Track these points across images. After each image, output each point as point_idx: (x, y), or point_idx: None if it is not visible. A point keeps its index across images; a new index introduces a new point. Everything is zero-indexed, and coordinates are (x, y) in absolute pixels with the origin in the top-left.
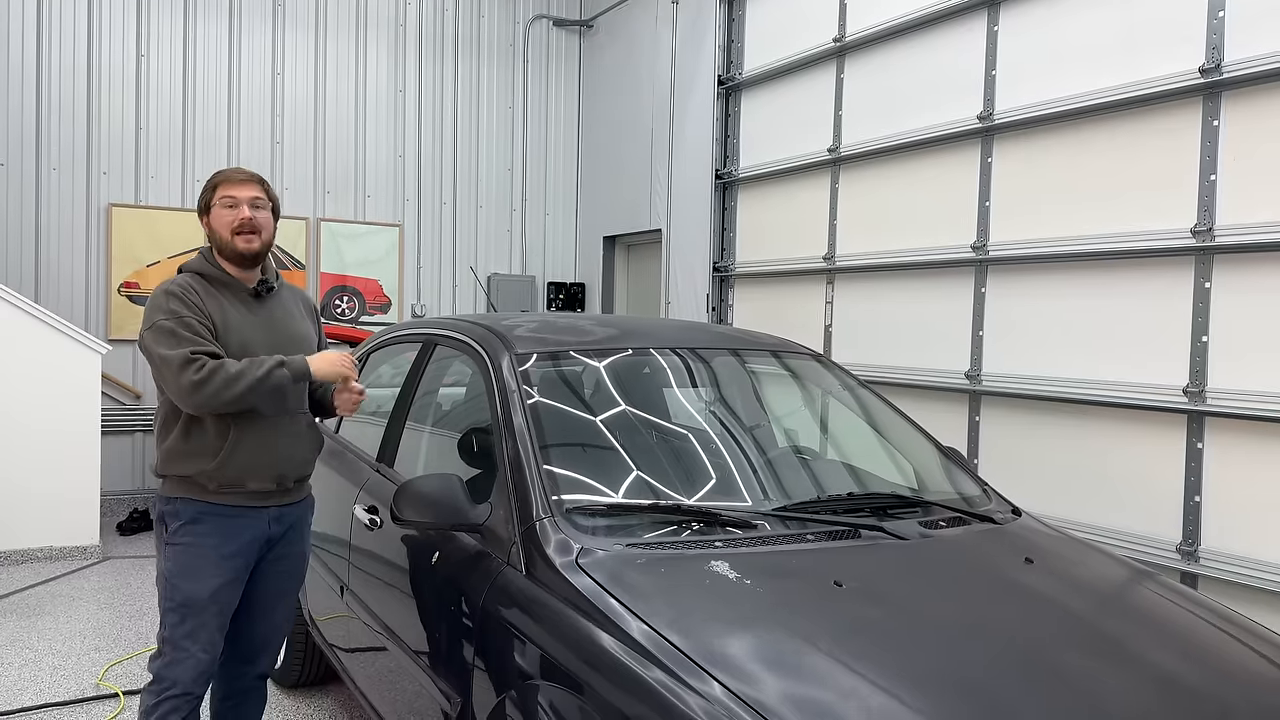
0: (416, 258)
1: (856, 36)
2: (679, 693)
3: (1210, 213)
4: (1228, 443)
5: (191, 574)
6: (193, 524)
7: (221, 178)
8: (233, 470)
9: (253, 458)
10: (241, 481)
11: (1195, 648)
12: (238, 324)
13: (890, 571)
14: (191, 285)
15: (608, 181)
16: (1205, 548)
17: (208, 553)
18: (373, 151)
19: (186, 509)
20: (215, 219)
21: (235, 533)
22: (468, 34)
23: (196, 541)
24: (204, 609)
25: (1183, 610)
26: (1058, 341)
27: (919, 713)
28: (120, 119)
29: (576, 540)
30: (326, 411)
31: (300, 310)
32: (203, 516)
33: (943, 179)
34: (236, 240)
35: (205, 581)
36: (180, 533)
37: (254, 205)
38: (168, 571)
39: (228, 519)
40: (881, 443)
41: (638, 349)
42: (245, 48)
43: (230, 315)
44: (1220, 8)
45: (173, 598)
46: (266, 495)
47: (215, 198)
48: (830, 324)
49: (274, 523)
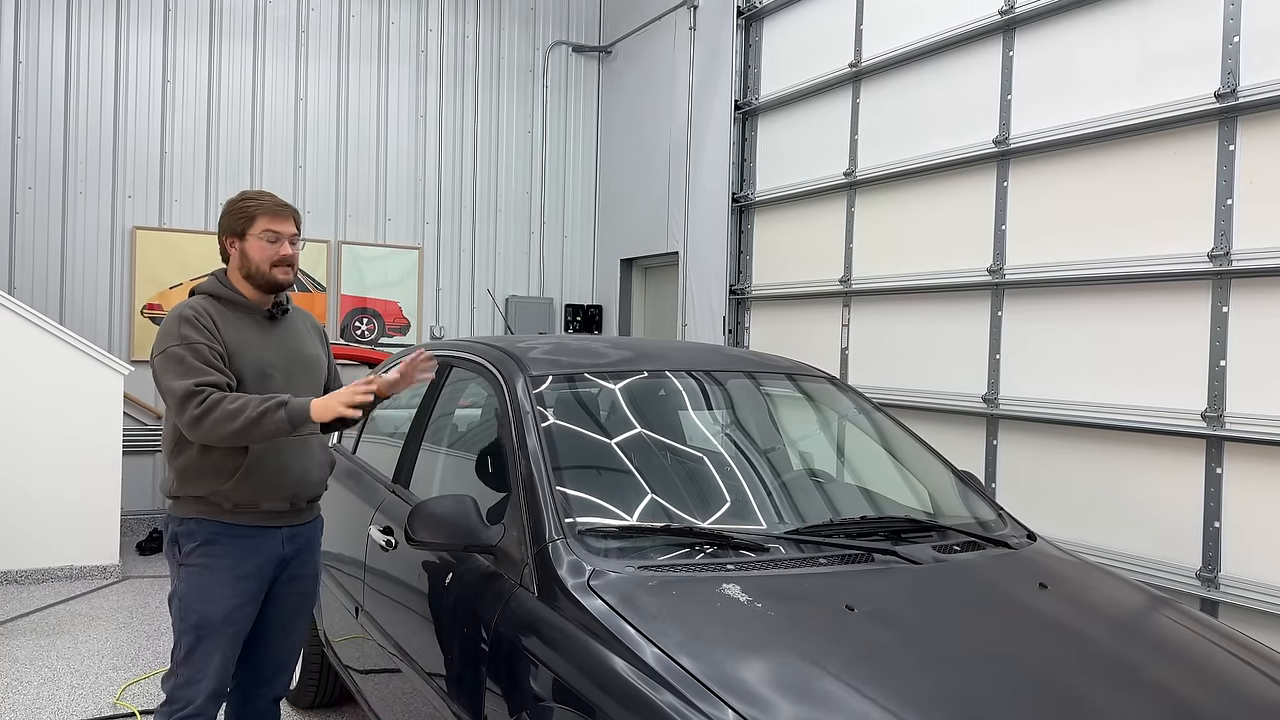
0: (436, 280)
1: (872, 62)
2: (690, 717)
3: (1227, 237)
4: (1247, 468)
5: (207, 595)
6: (208, 544)
7: (263, 210)
8: (248, 490)
9: (268, 478)
10: (256, 502)
11: (1212, 676)
12: (254, 346)
13: (903, 596)
14: (206, 309)
15: (625, 204)
16: (1225, 574)
17: (223, 574)
18: (394, 175)
19: (202, 529)
20: (255, 250)
21: (250, 553)
22: (488, 60)
23: (212, 562)
24: (219, 630)
25: (1199, 638)
26: (1075, 365)
27: None
28: (145, 143)
29: (588, 562)
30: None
31: (311, 333)
32: (218, 537)
33: (959, 203)
34: (275, 272)
35: (221, 603)
36: (196, 553)
37: (292, 241)
38: (182, 593)
39: (243, 539)
40: (896, 466)
41: (652, 371)
42: (269, 73)
43: (246, 337)
44: (1235, 33)
45: (187, 619)
46: (280, 515)
47: (256, 229)
48: (847, 347)
49: (287, 543)
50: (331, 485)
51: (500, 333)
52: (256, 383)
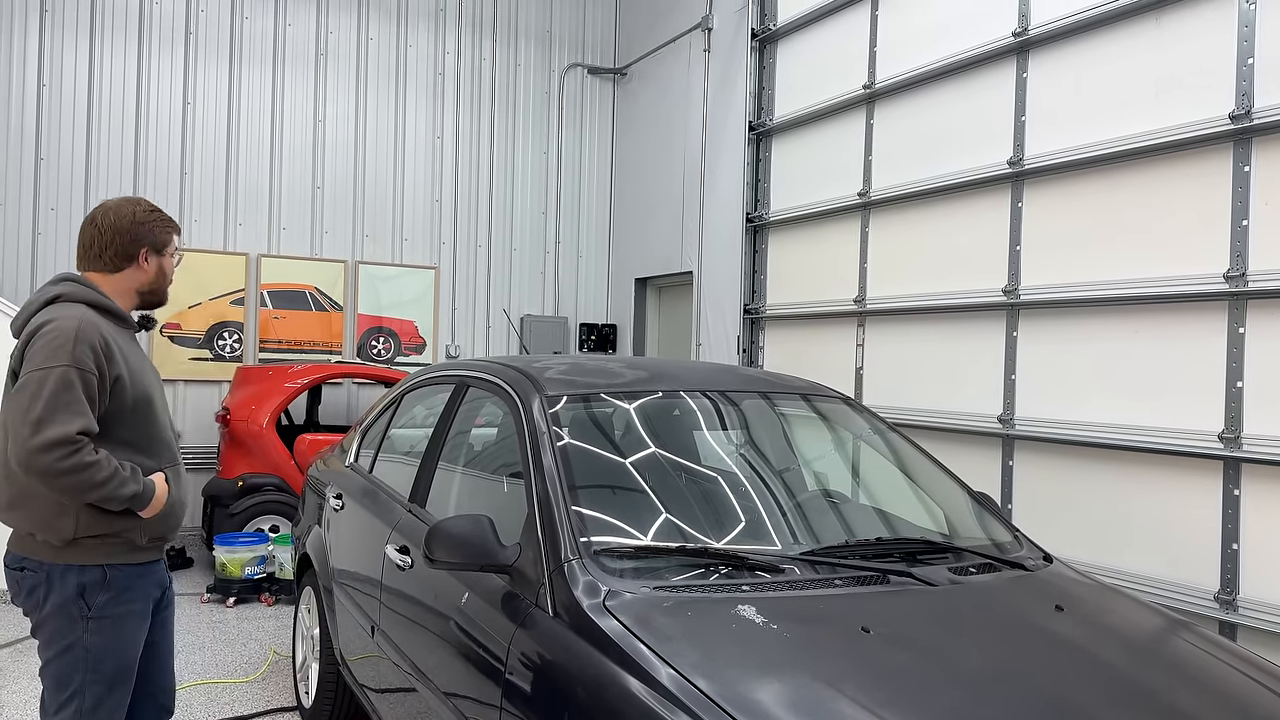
0: (451, 299)
1: (886, 83)
2: None
3: (1243, 258)
4: (1266, 490)
5: (125, 645)
6: (126, 591)
7: (176, 228)
8: (170, 522)
9: (180, 508)
10: (164, 533)
11: (1230, 701)
12: (137, 366)
13: (918, 618)
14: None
15: (640, 224)
16: (1244, 597)
17: (136, 619)
18: (410, 196)
19: (117, 577)
20: (167, 266)
21: (154, 589)
22: (504, 83)
23: (129, 610)
24: (130, 675)
25: (1217, 661)
26: (1091, 386)
27: None
28: (166, 165)
29: (604, 582)
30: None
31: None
32: (132, 581)
33: (973, 223)
34: (167, 291)
35: (134, 649)
36: (111, 604)
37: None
38: (92, 646)
39: (148, 577)
40: (911, 487)
41: (667, 392)
42: (288, 95)
43: (129, 355)
44: (1249, 55)
45: (100, 670)
46: (160, 545)
47: (171, 247)
48: (861, 366)
49: (167, 571)
50: (348, 504)
51: (515, 352)
52: (156, 405)
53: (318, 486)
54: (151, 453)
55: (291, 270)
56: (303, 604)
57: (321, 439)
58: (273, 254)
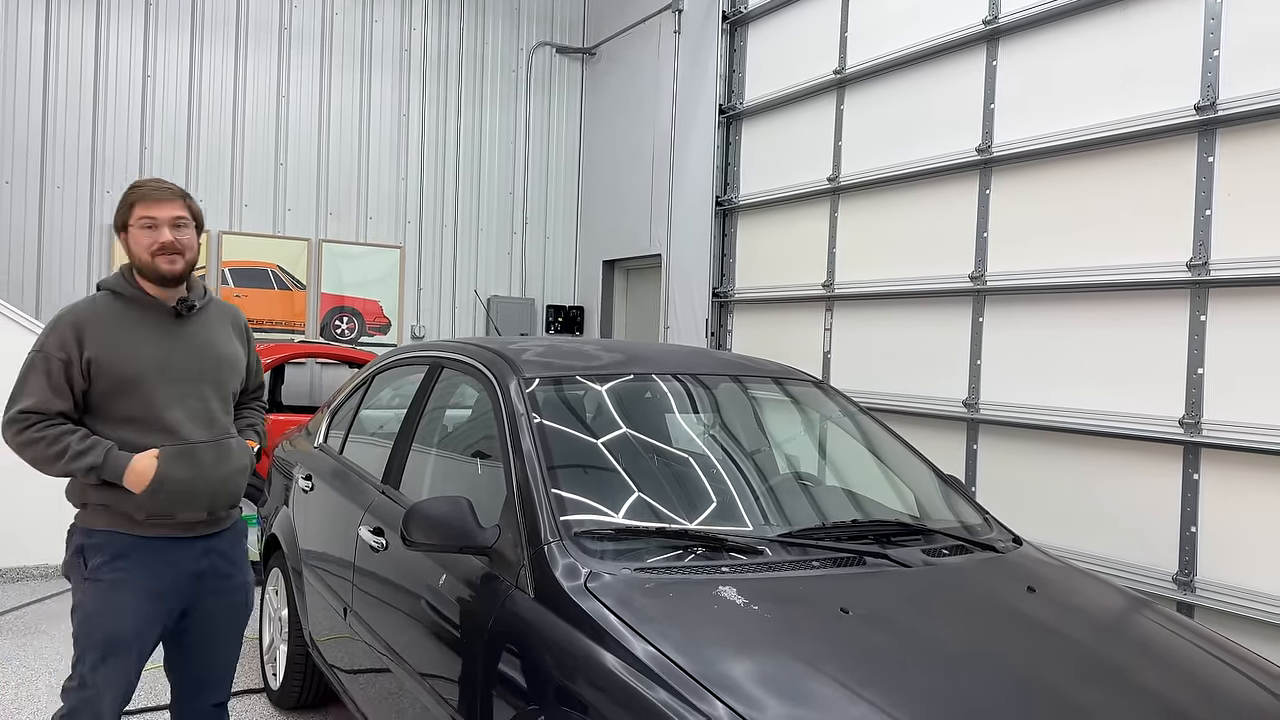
0: (417, 279)
1: (857, 69)
2: (686, 716)
3: (1205, 247)
4: (1223, 474)
5: (116, 613)
6: (120, 559)
7: (139, 195)
8: (162, 500)
9: (184, 486)
10: (171, 513)
11: (1193, 676)
12: (147, 347)
13: (895, 599)
14: (91, 313)
15: (608, 206)
16: (1201, 578)
17: (136, 591)
18: (375, 174)
19: (111, 543)
20: (133, 240)
21: (164, 568)
22: (471, 60)
23: (123, 578)
24: (126, 647)
25: (1182, 640)
26: (1055, 371)
27: None
28: (125, 138)
29: (585, 564)
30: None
31: (228, 329)
32: (130, 551)
33: (942, 209)
34: (158, 261)
35: (129, 621)
36: (105, 569)
37: (175, 225)
38: (87, 610)
39: (157, 553)
40: (884, 470)
41: (643, 374)
42: (251, 70)
43: (139, 337)
44: (1215, 47)
45: (92, 635)
46: (196, 526)
47: (133, 217)
48: (829, 350)
49: (203, 556)
50: (318, 485)
51: (483, 333)
52: (158, 386)
53: (285, 468)
54: (144, 431)
55: (253, 248)
56: (270, 585)
57: (286, 420)
58: (234, 231)
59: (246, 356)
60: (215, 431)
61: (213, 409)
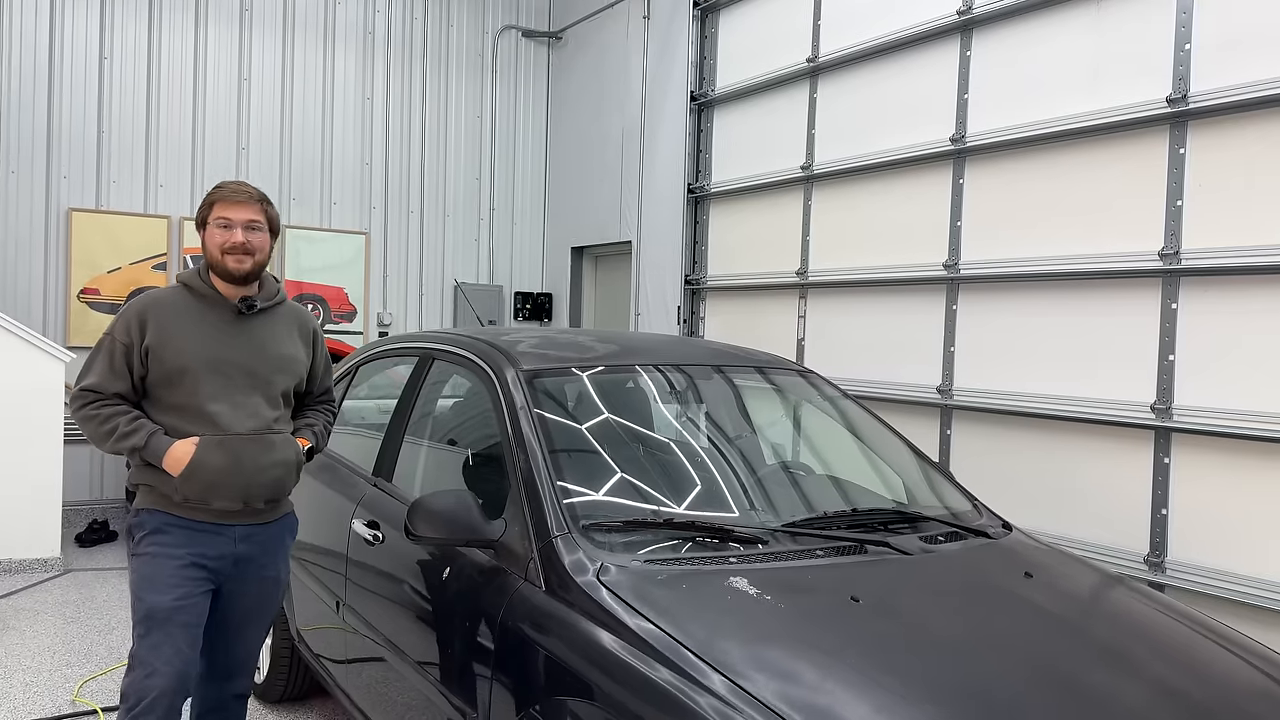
0: (383, 265)
1: (830, 58)
2: (723, 710)
3: (1177, 237)
4: (1193, 458)
5: (154, 584)
6: (157, 534)
7: (219, 195)
8: (195, 487)
9: (215, 475)
10: (205, 499)
11: (1189, 655)
12: (206, 342)
13: (901, 586)
14: (162, 302)
15: (576, 193)
16: (1171, 559)
17: (170, 562)
18: (339, 158)
19: (151, 519)
20: (209, 237)
21: (199, 545)
22: (436, 43)
23: (160, 551)
24: (168, 619)
25: (1171, 620)
26: (1028, 358)
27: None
28: (82, 122)
29: (596, 557)
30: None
31: (293, 332)
32: (167, 527)
33: (915, 198)
34: (227, 260)
35: (167, 592)
36: (144, 543)
37: (249, 228)
38: (133, 583)
39: (192, 530)
40: (879, 460)
41: (640, 366)
42: (211, 52)
43: (200, 333)
44: (1187, 40)
45: (137, 610)
46: (232, 514)
47: (211, 216)
48: (803, 337)
49: (241, 541)
50: (302, 478)
51: (449, 322)
52: (204, 378)
53: None
54: (189, 420)
55: None
56: None
57: None
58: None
59: (310, 360)
60: (258, 426)
61: (259, 405)
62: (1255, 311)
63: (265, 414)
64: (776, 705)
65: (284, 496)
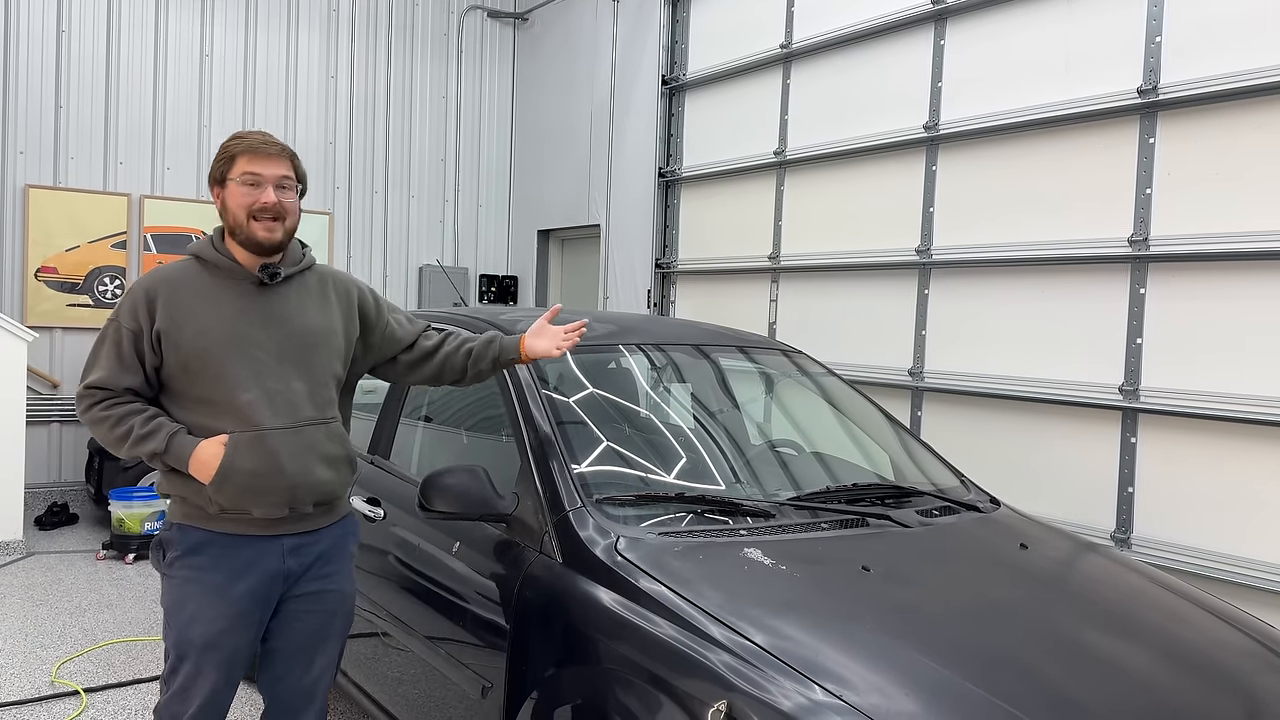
0: (347, 246)
1: (804, 44)
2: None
3: (1145, 224)
4: (1159, 438)
5: (189, 613)
6: (191, 555)
7: (245, 147)
8: (232, 493)
9: (252, 480)
10: (245, 507)
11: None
12: (226, 321)
13: (906, 557)
14: (170, 281)
15: (543, 175)
16: (1138, 535)
17: (207, 591)
18: (303, 137)
19: (185, 537)
20: (231, 196)
21: (242, 567)
22: (400, 22)
23: (194, 575)
24: (203, 654)
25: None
26: (999, 341)
27: (1001, 687)
28: (39, 96)
29: (611, 530)
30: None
31: (326, 300)
32: (203, 547)
33: (888, 185)
34: (254, 228)
35: (202, 624)
36: (177, 564)
37: (280, 186)
38: (165, 605)
39: (232, 550)
40: (877, 439)
41: (640, 344)
42: (173, 27)
43: (220, 311)
44: (1158, 33)
45: (169, 636)
46: (278, 523)
47: (235, 171)
48: (775, 321)
49: (290, 556)
50: None
51: (414, 305)
52: (228, 363)
53: None
54: (217, 414)
55: (177, 213)
56: None
57: None
58: (156, 195)
59: (343, 329)
60: (298, 417)
61: (295, 391)
62: (1220, 297)
63: (303, 403)
64: (805, 670)
65: (338, 497)
